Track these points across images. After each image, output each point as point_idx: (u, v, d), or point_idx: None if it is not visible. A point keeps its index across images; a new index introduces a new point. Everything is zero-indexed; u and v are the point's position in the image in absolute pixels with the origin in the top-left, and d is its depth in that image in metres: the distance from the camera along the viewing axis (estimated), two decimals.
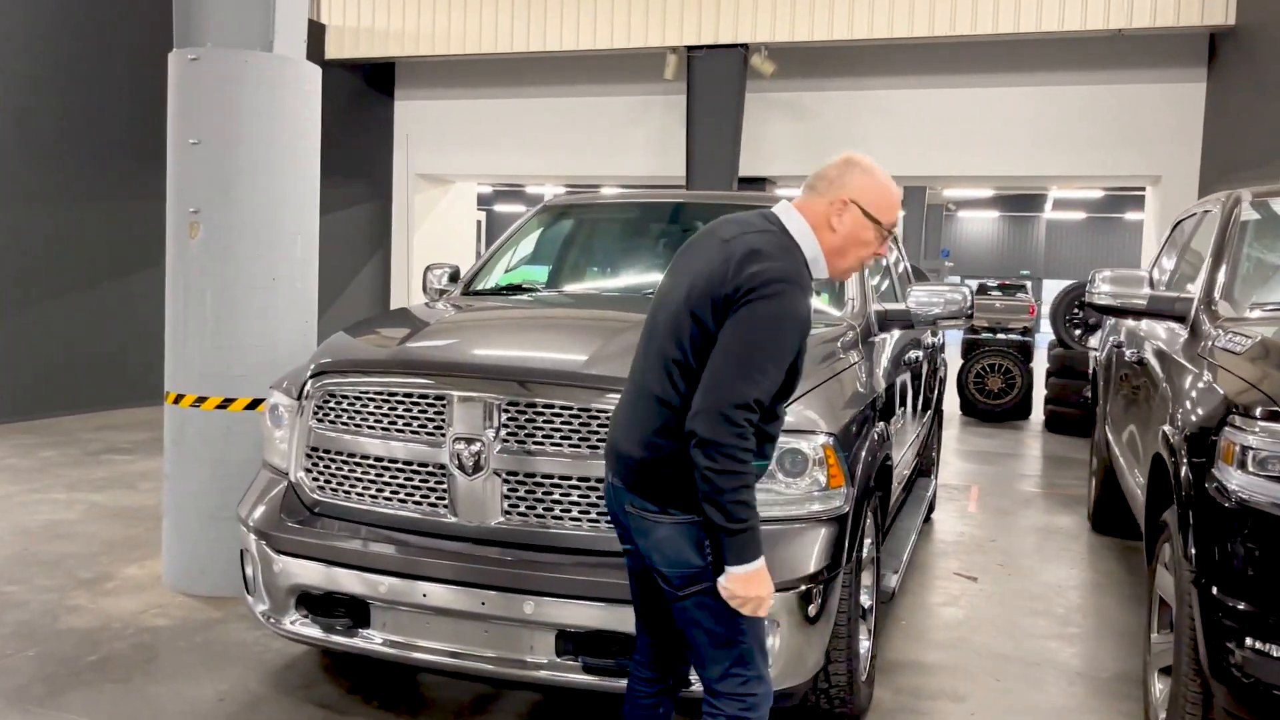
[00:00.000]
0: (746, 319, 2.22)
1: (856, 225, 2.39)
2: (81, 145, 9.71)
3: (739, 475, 2.18)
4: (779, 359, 2.23)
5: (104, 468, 7.32)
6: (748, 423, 2.18)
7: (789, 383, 2.34)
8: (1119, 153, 11.48)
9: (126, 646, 4.04)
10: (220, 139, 4.52)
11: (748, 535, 2.21)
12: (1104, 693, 3.93)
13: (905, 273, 5.97)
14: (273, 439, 3.54)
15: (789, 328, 2.23)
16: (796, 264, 2.32)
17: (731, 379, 2.19)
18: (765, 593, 2.26)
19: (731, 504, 2.18)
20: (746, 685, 2.35)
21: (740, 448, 2.18)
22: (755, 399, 2.19)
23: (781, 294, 2.23)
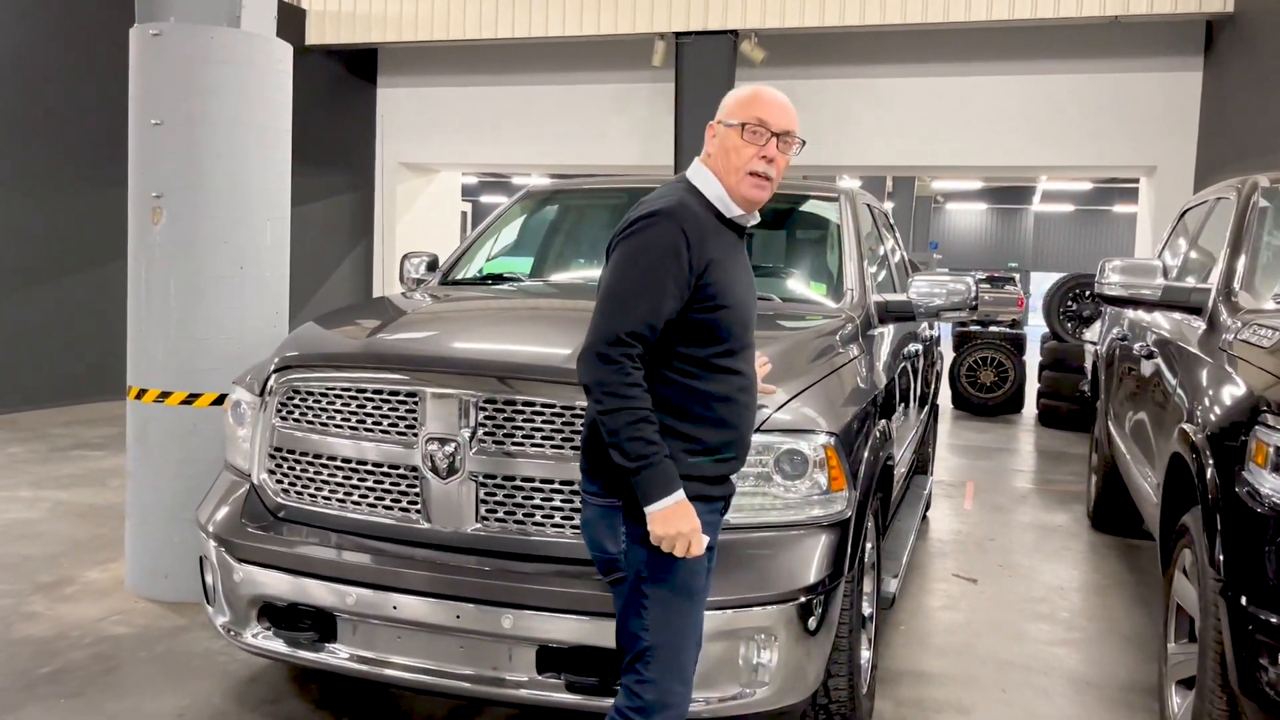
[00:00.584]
0: (615, 258, 2.24)
1: (722, 138, 2.35)
2: (45, 132, 9.40)
3: (628, 411, 2.13)
4: (650, 288, 2.16)
5: (73, 464, 7.06)
6: (626, 357, 2.14)
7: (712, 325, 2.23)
8: (1113, 143, 11.30)
9: (84, 657, 3.80)
10: (184, 120, 4.28)
11: (653, 471, 2.14)
12: (1116, 703, 3.73)
13: (903, 262, 5.77)
14: (235, 438, 3.31)
15: (654, 254, 2.18)
16: (679, 200, 2.27)
17: (603, 317, 2.18)
18: (687, 528, 2.16)
19: (628, 441, 2.13)
20: (641, 686, 2.25)
21: (623, 383, 2.13)
22: (629, 332, 2.14)
23: (645, 227, 2.21)
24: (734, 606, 2.68)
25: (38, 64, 9.27)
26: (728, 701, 2.72)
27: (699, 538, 2.18)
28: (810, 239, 4.74)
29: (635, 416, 2.13)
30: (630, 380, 2.14)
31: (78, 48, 9.54)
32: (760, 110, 2.33)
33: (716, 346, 2.25)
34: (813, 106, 12.07)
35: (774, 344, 3.24)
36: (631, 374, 2.14)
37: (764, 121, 2.32)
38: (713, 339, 2.24)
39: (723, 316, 2.24)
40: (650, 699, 2.23)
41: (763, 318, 3.70)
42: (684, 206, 2.25)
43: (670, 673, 2.24)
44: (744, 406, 2.32)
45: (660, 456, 2.15)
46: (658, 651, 2.23)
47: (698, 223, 2.24)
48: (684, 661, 2.27)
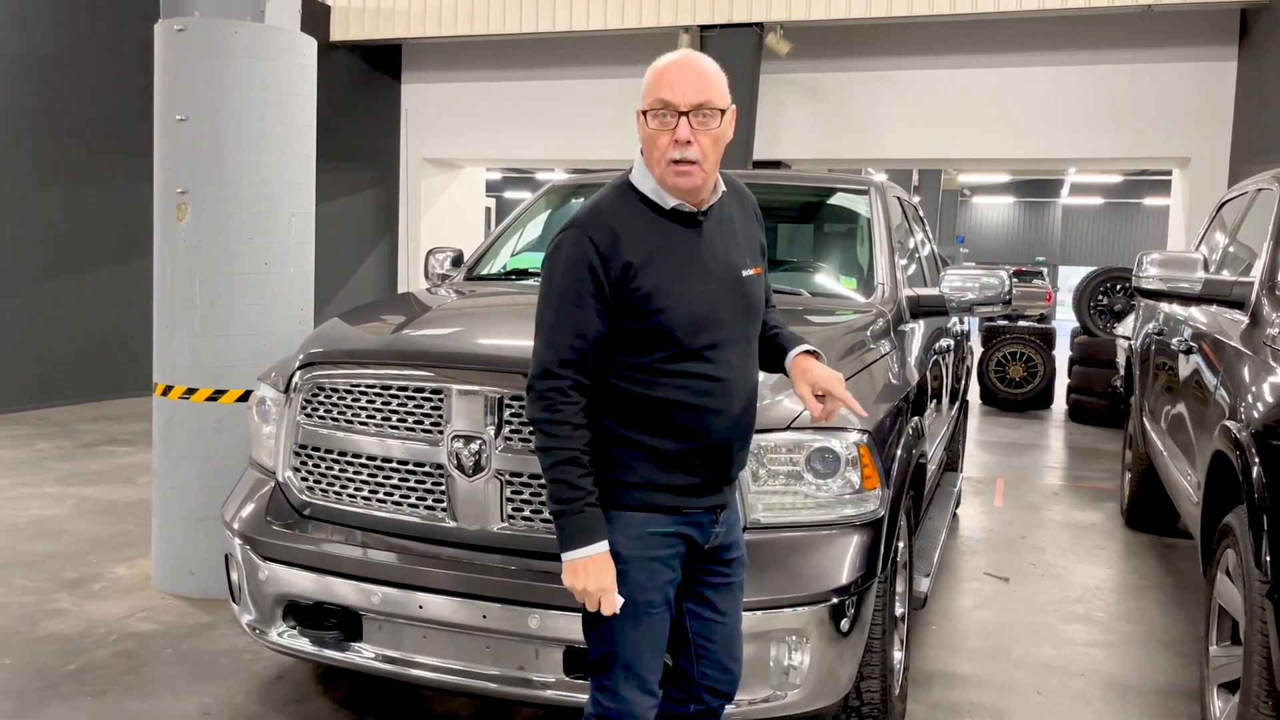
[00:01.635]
0: (539, 285, 2.14)
1: (640, 129, 2.16)
2: (72, 128, 9.44)
3: (555, 451, 2.06)
4: (566, 309, 2.06)
5: (99, 460, 7.09)
6: (555, 391, 2.06)
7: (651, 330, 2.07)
8: (1146, 134, 11.12)
9: (108, 655, 3.80)
10: (209, 115, 4.26)
11: (569, 519, 2.06)
12: (1156, 709, 3.65)
13: (934, 256, 5.68)
14: (260, 435, 3.28)
15: (567, 274, 2.07)
16: (595, 206, 2.14)
17: (535, 351, 2.11)
18: (593, 585, 2.05)
19: (550, 482, 2.08)
20: (601, 693, 2.20)
21: (549, 421, 2.06)
22: (559, 362, 2.06)
23: (556, 246, 2.11)
24: (765, 608, 2.63)
25: (61, 60, 9.31)
26: (759, 704, 2.67)
27: (610, 597, 2.06)
28: (839, 232, 4.67)
29: (560, 458, 2.05)
30: (558, 418, 2.05)
31: (100, 44, 9.58)
32: (661, 91, 2.09)
33: (662, 351, 2.09)
34: (839, 99, 11.98)
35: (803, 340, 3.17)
36: (561, 410, 2.05)
37: (667, 103, 2.08)
38: (655, 344, 2.09)
39: (662, 319, 2.07)
40: (611, 707, 2.18)
41: (791, 312, 3.65)
42: (597, 213, 2.11)
43: (628, 681, 2.17)
44: (711, 412, 2.13)
45: (581, 504, 2.05)
46: (614, 661, 2.17)
47: (614, 227, 2.08)
48: (642, 671, 2.18)
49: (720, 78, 2.14)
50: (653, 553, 2.14)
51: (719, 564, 2.30)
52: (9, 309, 8.91)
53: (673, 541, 2.17)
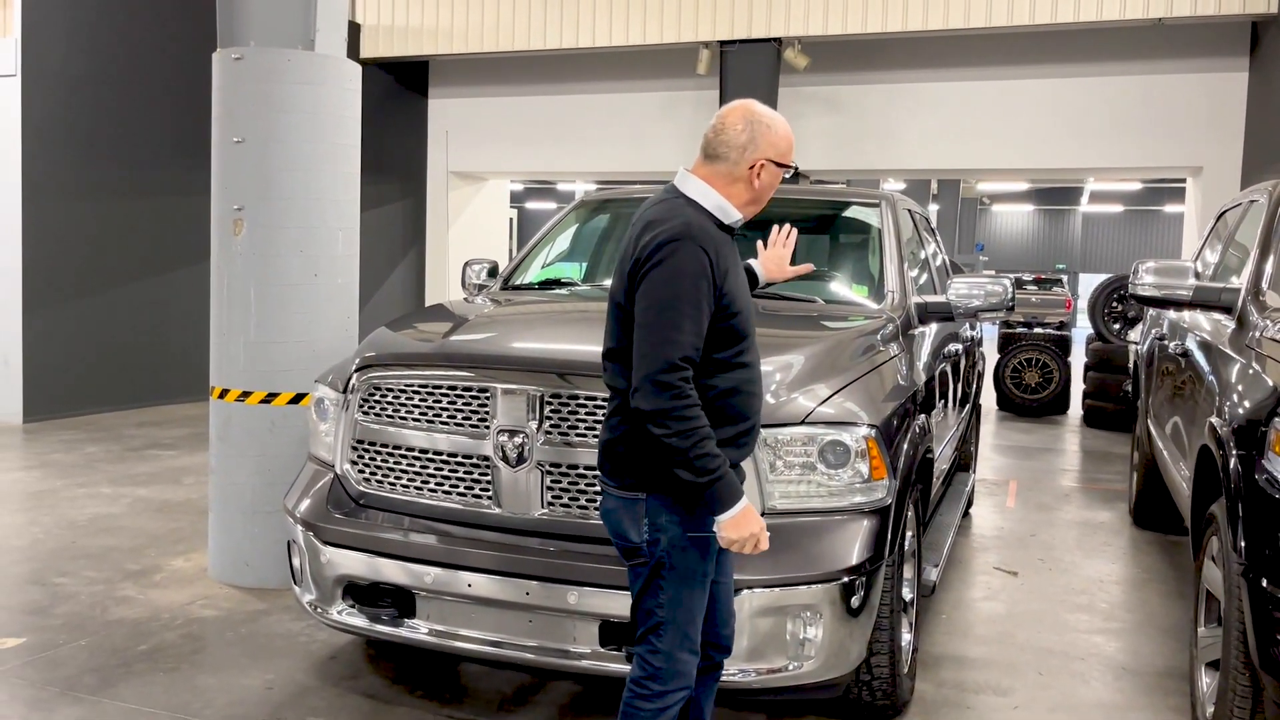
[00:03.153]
0: (647, 288, 2.35)
1: (771, 178, 2.52)
2: (122, 144, 9.83)
3: (693, 433, 2.29)
4: (689, 311, 2.32)
5: (148, 463, 7.44)
6: (683, 381, 2.30)
7: (730, 330, 2.40)
8: (1158, 144, 11.31)
9: (175, 637, 4.11)
10: (263, 137, 4.58)
11: (722, 483, 2.33)
12: (1151, 688, 3.89)
13: (944, 265, 5.94)
14: (318, 432, 3.59)
15: (687, 280, 2.32)
16: (691, 220, 2.40)
17: (652, 347, 2.31)
18: (757, 528, 2.38)
19: (697, 459, 2.30)
20: (654, 655, 2.46)
21: (683, 407, 2.29)
22: (682, 357, 2.29)
23: (672, 253, 2.33)
24: (782, 585, 2.90)
25: (103, 80, 9.69)
26: (775, 673, 2.94)
27: (765, 535, 2.39)
28: (853, 243, 4.94)
29: (700, 436, 2.29)
30: (690, 402, 2.29)
31: (140, 64, 9.95)
32: (792, 150, 2.54)
33: (735, 347, 2.43)
34: (856, 111, 12.24)
35: (817, 343, 3.45)
36: (690, 396, 2.30)
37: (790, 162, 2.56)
38: (732, 341, 2.42)
39: (738, 321, 2.42)
40: (663, 667, 2.45)
41: (806, 318, 3.93)
42: (697, 225, 2.39)
43: (680, 644, 2.46)
44: (755, 396, 2.51)
45: (725, 468, 2.33)
46: (671, 626, 2.45)
47: (712, 239, 2.39)
48: (692, 634, 2.49)
49: None
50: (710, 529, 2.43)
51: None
52: (57, 319, 9.30)
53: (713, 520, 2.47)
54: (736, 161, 2.48)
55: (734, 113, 2.51)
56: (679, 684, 2.47)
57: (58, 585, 4.69)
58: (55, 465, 7.29)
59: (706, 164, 2.51)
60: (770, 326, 3.81)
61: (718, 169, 2.49)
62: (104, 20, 9.62)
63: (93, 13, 9.50)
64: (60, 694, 3.55)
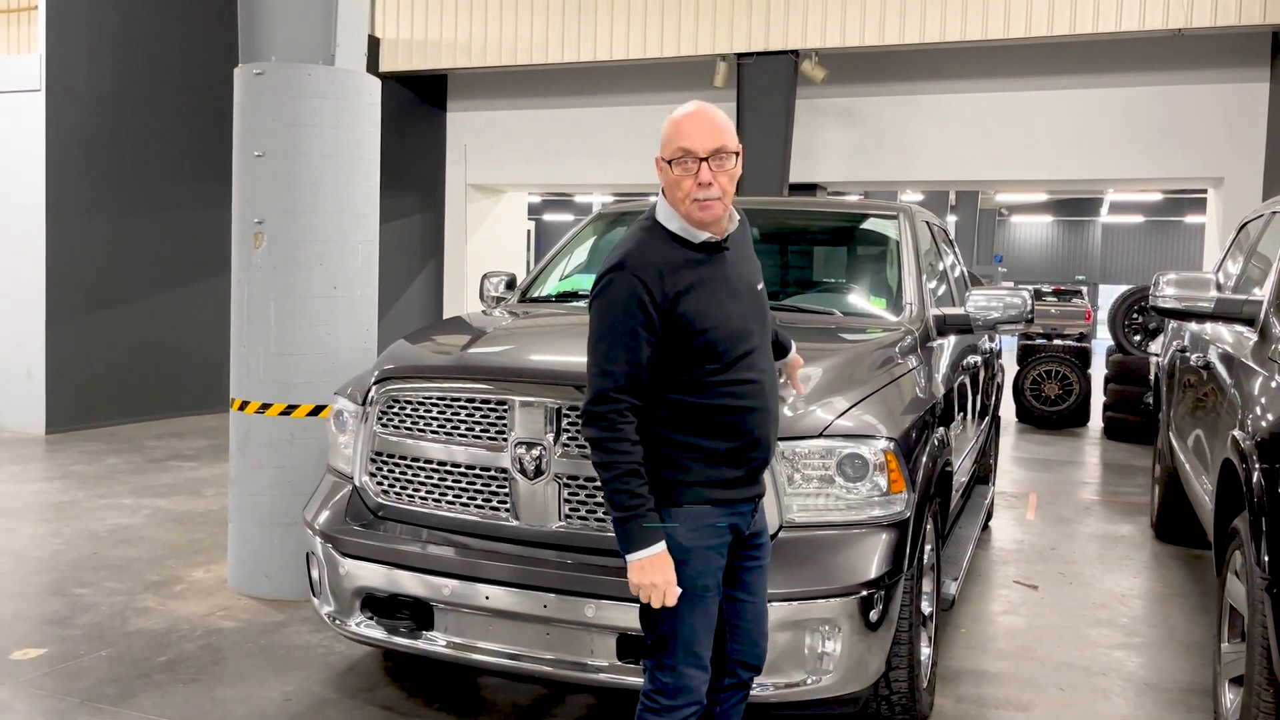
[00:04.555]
0: (590, 319, 2.40)
1: (663, 174, 2.45)
2: (144, 159, 9.93)
3: (615, 466, 2.32)
4: (623, 341, 2.32)
5: (168, 474, 7.48)
6: (615, 414, 2.32)
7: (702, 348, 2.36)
8: (1179, 154, 11.26)
9: (195, 648, 4.13)
10: (284, 151, 4.62)
11: (633, 524, 2.33)
12: (1173, 704, 3.85)
13: (963, 277, 5.92)
14: (337, 444, 3.61)
15: (619, 311, 2.33)
16: (635, 247, 2.40)
17: (590, 377, 2.37)
18: (660, 580, 2.34)
19: (614, 493, 2.33)
20: (659, 670, 2.47)
21: (610, 439, 2.32)
22: (615, 389, 2.32)
23: (606, 284, 2.37)
24: (800, 599, 2.89)
25: (127, 96, 9.79)
26: (794, 687, 2.92)
27: (673, 590, 2.35)
28: (870, 255, 4.93)
29: (622, 470, 2.31)
30: (618, 436, 2.31)
31: (162, 80, 10.06)
32: (682, 140, 2.39)
33: (710, 365, 2.38)
34: (874, 123, 12.23)
35: (835, 355, 3.45)
36: (621, 429, 2.31)
37: (688, 150, 2.38)
38: (703, 359, 2.38)
39: (706, 339, 2.37)
40: (670, 682, 2.45)
41: (824, 330, 3.93)
42: (639, 252, 2.37)
43: (687, 659, 2.45)
44: (753, 411, 2.44)
45: (643, 510, 2.32)
46: (676, 642, 2.44)
47: (657, 264, 2.35)
48: (699, 650, 2.47)
49: (730, 125, 2.49)
50: (708, 543, 2.43)
51: (751, 549, 2.59)
52: (79, 332, 9.38)
53: (724, 532, 2.46)
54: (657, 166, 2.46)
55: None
56: (687, 699, 2.46)
57: (78, 596, 4.72)
58: (77, 476, 7.34)
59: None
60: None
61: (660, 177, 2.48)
62: (127, 36, 9.73)
63: (116, 29, 9.61)
64: (81, 704, 3.58)
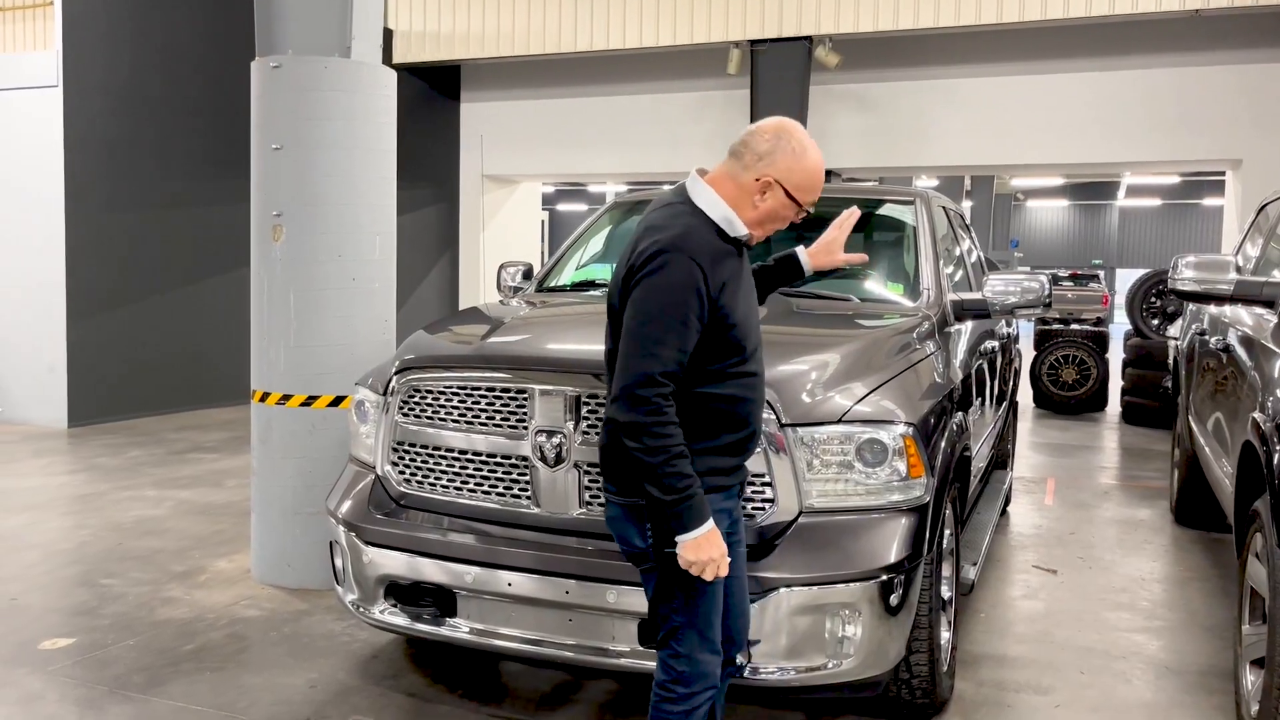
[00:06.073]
0: (637, 297, 2.33)
1: (778, 204, 2.45)
2: (162, 154, 9.98)
3: (665, 450, 2.27)
4: (675, 327, 2.28)
5: (190, 466, 7.55)
6: (660, 397, 2.27)
7: (729, 341, 2.38)
8: (1196, 136, 11.17)
9: (220, 637, 4.18)
10: (301, 144, 4.64)
11: (689, 504, 2.30)
12: (1194, 687, 3.85)
13: (979, 262, 5.90)
14: (359, 434, 3.64)
15: (676, 294, 2.29)
16: (688, 231, 2.35)
17: (633, 359, 2.29)
18: (717, 554, 2.34)
19: (666, 477, 2.28)
20: (675, 659, 2.46)
21: (657, 424, 2.27)
22: (661, 372, 2.27)
23: (665, 264, 2.30)
24: (820, 583, 2.90)
25: (155, 92, 9.85)
26: (814, 671, 2.94)
27: (725, 561, 2.36)
28: (887, 241, 4.92)
29: (671, 454, 2.27)
30: (666, 419, 2.27)
31: (182, 76, 10.12)
32: (814, 195, 2.47)
33: (733, 358, 2.41)
34: (888, 109, 12.17)
35: (853, 341, 3.45)
36: (666, 413, 2.27)
37: (812, 204, 2.49)
38: (729, 352, 2.40)
39: (735, 333, 2.39)
40: (686, 670, 2.46)
41: (842, 317, 3.93)
42: (694, 236, 2.34)
43: (700, 646, 2.47)
44: (756, 403, 2.49)
45: (694, 489, 2.30)
46: (688, 629, 2.46)
47: (709, 251, 2.34)
48: (711, 635, 2.49)
49: None
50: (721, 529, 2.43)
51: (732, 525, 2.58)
52: (99, 327, 9.46)
53: (723, 515, 2.48)
54: (748, 167, 2.43)
55: (771, 122, 2.48)
56: (704, 685, 2.48)
57: (105, 586, 4.78)
58: (100, 469, 7.42)
59: (726, 160, 2.49)
60: (806, 325, 3.83)
61: (731, 167, 2.47)
62: (143, 31, 9.78)
63: (132, 24, 9.67)
64: (110, 692, 3.63)
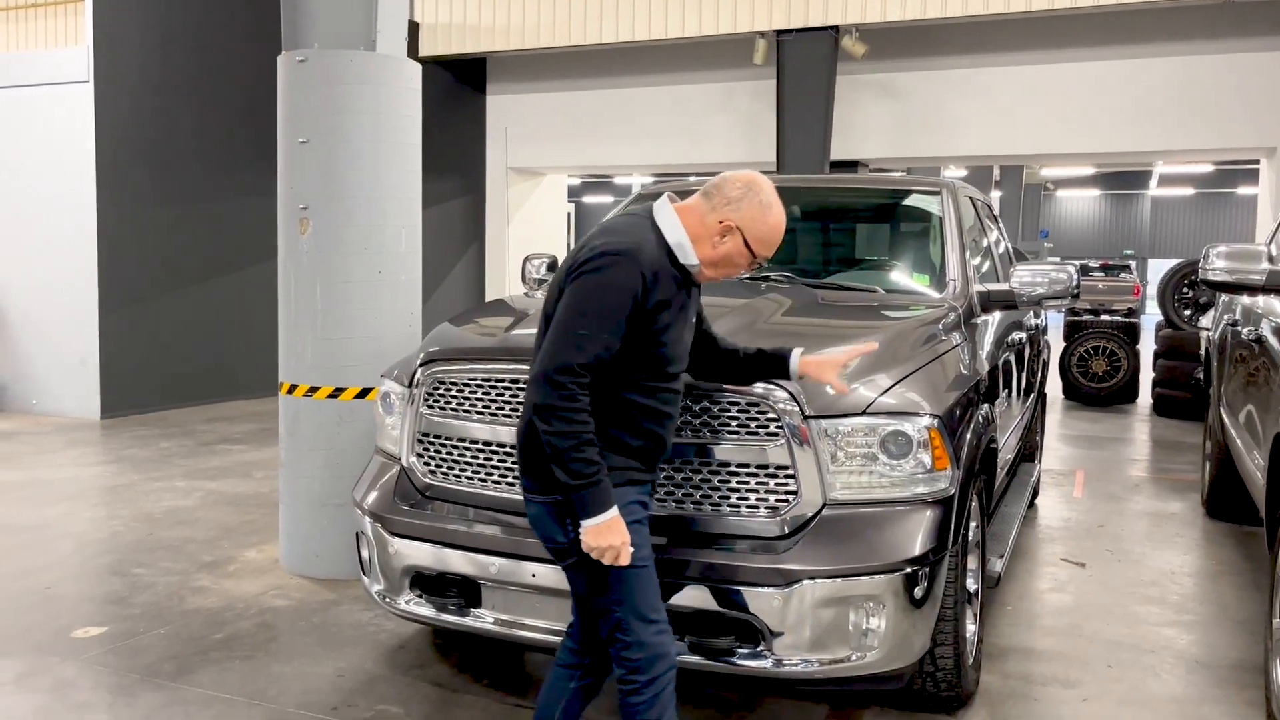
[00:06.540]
0: (574, 289, 2.41)
1: (735, 250, 2.54)
2: (192, 148, 10.08)
3: (575, 436, 2.34)
4: (604, 325, 2.36)
5: (219, 457, 7.63)
6: (576, 386, 2.35)
7: (654, 358, 2.47)
8: (1229, 124, 11.01)
9: (249, 626, 4.22)
10: (327, 137, 4.67)
11: (593, 490, 2.37)
12: (1224, 681, 3.81)
13: (1007, 253, 5.85)
14: (384, 426, 3.66)
15: (613, 295, 2.37)
16: (641, 242, 2.45)
17: (559, 346, 2.37)
18: (618, 541, 2.39)
19: (572, 461, 2.35)
20: (628, 650, 2.49)
21: (570, 409, 2.34)
22: (581, 364, 2.34)
23: (611, 265, 2.39)
24: (844, 575, 2.89)
25: (186, 87, 9.95)
26: (838, 663, 2.93)
27: (627, 550, 2.41)
28: (913, 232, 4.89)
29: (580, 440, 2.35)
30: (578, 406, 2.35)
31: (223, 71, 10.21)
32: (770, 249, 2.58)
33: (654, 372, 2.50)
34: (915, 99, 12.09)
35: (878, 333, 3.43)
36: (579, 399, 2.35)
37: (767, 258, 2.59)
38: (649, 366, 2.48)
39: (663, 351, 2.48)
40: (640, 657, 2.48)
41: (867, 308, 3.91)
42: (645, 248, 2.44)
43: (646, 629, 2.49)
44: (667, 417, 2.58)
45: (600, 475, 2.37)
46: (630, 618, 2.48)
47: (655, 265, 2.43)
48: (653, 615, 2.52)
49: None
50: (634, 517, 2.52)
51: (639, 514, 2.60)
52: (131, 320, 9.57)
53: (638, 509, 2.55)
54: (715, 208, 2.52)
55: (746, 174, 2.57)
56: (663, 665, 2.50)
57: (137, 576, 4.85)
58: (131, 460, 7.51)
59: (697, 196, 2.58)
60: (831, 317, 3.82)
61: (700, 204, 2.55)
62: (174, 26, 9.87)
63: (163, 19, 9.76)
64: (141, 680, 3.68)
